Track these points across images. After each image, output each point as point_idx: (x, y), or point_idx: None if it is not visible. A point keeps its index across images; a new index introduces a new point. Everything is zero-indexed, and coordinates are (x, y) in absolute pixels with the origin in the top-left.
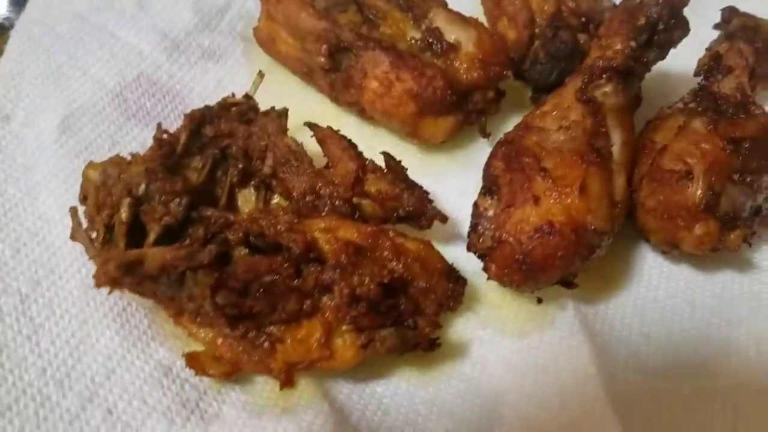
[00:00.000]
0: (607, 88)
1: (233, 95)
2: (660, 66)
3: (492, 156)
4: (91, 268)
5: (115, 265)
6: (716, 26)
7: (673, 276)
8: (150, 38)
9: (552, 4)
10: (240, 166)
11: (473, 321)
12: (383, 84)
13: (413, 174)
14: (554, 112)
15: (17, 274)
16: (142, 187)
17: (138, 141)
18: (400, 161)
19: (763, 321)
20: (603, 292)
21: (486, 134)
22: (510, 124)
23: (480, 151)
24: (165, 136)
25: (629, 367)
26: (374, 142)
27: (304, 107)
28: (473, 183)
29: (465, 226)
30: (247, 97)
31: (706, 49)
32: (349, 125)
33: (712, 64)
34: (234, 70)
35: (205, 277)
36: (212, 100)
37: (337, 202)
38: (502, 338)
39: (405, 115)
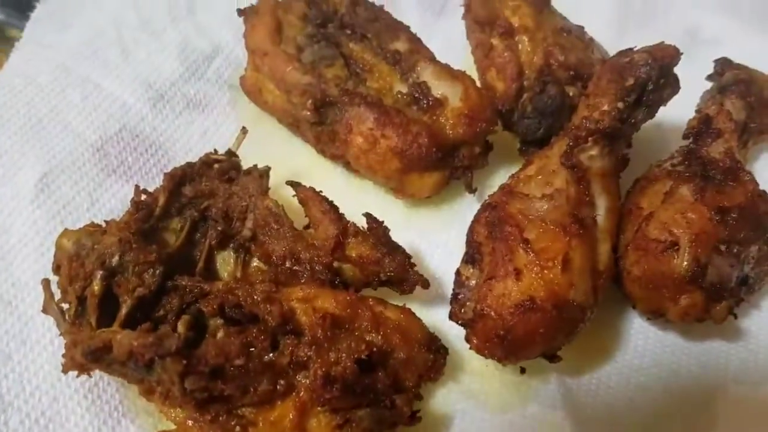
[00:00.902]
0: (593, 152)
1: (216, 151)
2: None
3: (475, 221)
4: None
5: (82, 351)
6: (709, 77)
7: (660, 343)
8: (134, 89)
9: (541, 56)
10: (219, 228)
11: (455, 391)
12: (368, 140)
13: (398, 230)
14: (539, 177)
15: None
16: (116, 258)
17: (118, 198)
18: (382, 222)
19: (749, 389)
20: (588, 360)
21: (472, 190)
22: (498, 176)
23: (467, 206)
24: (143, 197)
25: None
26: (361, 195)
27: (292, 157)
28: (459, 239)
29: (449, 286)
30: (230, 153)
31: (696, 111)
32: (336, 176)
33: (701, 127)
34: (220, 120)
35: (173, 364)
36: (196, 152)
37: (317, 267)
38: (484, 412)
39: (390, 171)
